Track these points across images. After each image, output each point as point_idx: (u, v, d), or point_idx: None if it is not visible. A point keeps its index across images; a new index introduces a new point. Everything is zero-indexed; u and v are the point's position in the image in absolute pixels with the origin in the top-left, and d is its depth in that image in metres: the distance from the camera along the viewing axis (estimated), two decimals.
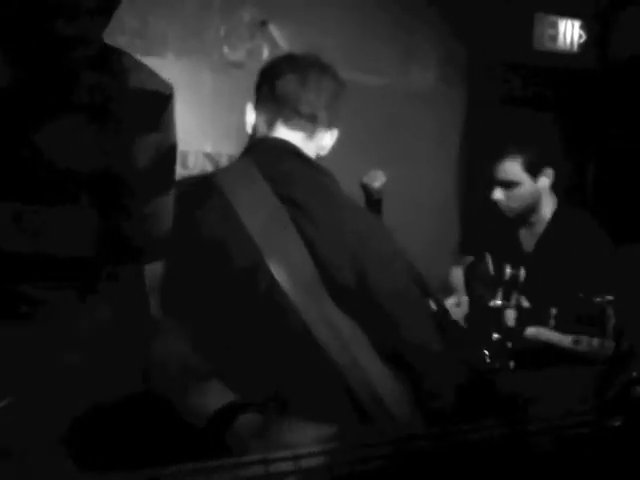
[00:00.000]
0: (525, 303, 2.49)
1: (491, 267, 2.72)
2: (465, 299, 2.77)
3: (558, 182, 2.73)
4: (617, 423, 1.20)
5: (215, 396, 1.23)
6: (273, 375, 1.51)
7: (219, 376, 1.30)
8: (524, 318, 2.41)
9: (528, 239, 2.73)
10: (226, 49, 3.19)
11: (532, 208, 2.68)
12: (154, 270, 1.15)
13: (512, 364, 2.47)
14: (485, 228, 2.88)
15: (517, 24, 3.53)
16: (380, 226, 1.80)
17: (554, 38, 3.52)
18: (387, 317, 1.61)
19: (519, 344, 2.40)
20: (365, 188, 2.23)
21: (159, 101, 1.10)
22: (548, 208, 2.69)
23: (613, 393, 1.22)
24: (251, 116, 1.79)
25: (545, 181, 2.66)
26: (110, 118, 1.02)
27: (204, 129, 3.13)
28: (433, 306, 1.78)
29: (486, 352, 2.52)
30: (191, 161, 3.18)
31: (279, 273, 1.54)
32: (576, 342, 2.37)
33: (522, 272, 2.52)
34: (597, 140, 3.49)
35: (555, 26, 3.53)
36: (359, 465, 1.04)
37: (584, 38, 3.55)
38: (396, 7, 3.45)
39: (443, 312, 1.78)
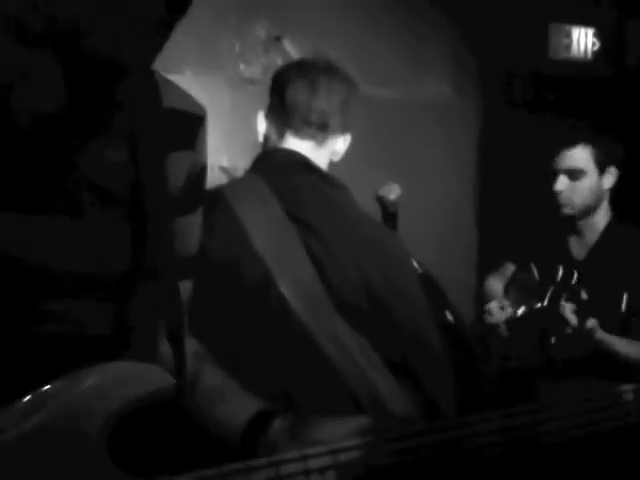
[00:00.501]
0: (584, 295, 2.43)
1: (536, 273, 2.64)
2: (507, 303, 2.62)
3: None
4: None
5: (246, 407, 1.25)
6: (284, 389, 1.50)
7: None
8: (584, 310, 2.34)
9: (579, 247, 2.62)
10: (242, 65, 3.22)
11: (590, 210, 2.56)
12: (183, 288, 1.17)
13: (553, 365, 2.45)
14: (523, 236, 2.79)
15: (531, 34, 3.54)
16: (392, 238, 1.78)
17: (568, 47, 3.53)
18: (399, 334, 1.60)
19: (569, 343, 2.36)
20: (380, 201, 2.22)
21: (193, 121, 1.12)
22: (602, 217, 2.59)
23: None
24: (262, 125, 1.78)
25: (610, 180, 2.56)
26: (146, 138, 1.04)
27: (220, 143, 3.15)
28: (450, 317, 1.76)
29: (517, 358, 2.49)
30: (208, 175, 3.21)
31: (287, 291, 1.52)
32: None
33: (575, 275, 2.51)
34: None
35: (569, 35, 3.54)
36: (394, 457, 1.06)
37: (597, 46, 3.55)
38: (410, 20, 3.47)
39: (460, 325, 1.77)
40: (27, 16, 0.88)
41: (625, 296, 2.44)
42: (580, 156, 2.52)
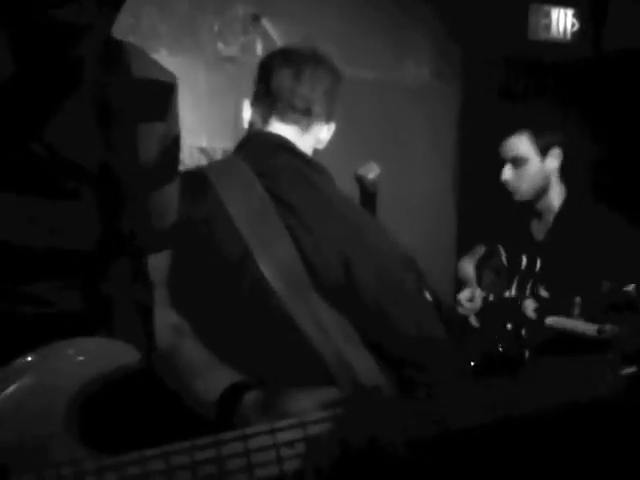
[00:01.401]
0: (544, 293, 2.45)
1: (504, 258, 2.71)
2: (478, 292, 2.73)
3: (580, 175, 2.68)
4: (628, 371, 1.20)
5: (219, 379, 1.24)
6: (259, 367, 1.48)
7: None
8: (544, 308, 2.35)
9: (539, 229, 2.69)
10: (220, 44, 3.18)
11: (541, 192, 2.63)
12: (159, 261, 1.16)
13: (527, 353, 2.48)
14: (493, 219, 2.86)
15: (510, 15, 3.53)
16: (372, 221, 1.80)
17: (548, 27, 3.53)
18: (380, 312, 1.61)
19: (538, 335, 2.37)
20: (360, 180, 2.20)
21: (164, 91, 1.10)
22: (557, 196, 2.64)
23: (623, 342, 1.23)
24: (247, 112, 1.79)
25: (553, 162, 2.61)
26: (115, 109, 1.02)
27: (199, 124, 3.13)
28: (429, 297, 1.77)
29: (500, 345, 2.52)
30: (186, 156, 3.18)
31: (266, 269, 1.54)
32: (601, 331, 2.25)
33: (538, 262, 2.57)
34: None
35: (549, 15, 3.53)
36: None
37: (577, 27, 3.55)
38: (389, 1, 3.45)
39: (438, 304, 1.78)
40: None
41: (586, 266, 2.45)
42: (519, 144, 2.59)
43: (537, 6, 3.54)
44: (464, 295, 2.74)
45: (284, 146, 1.71)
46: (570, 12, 3.52)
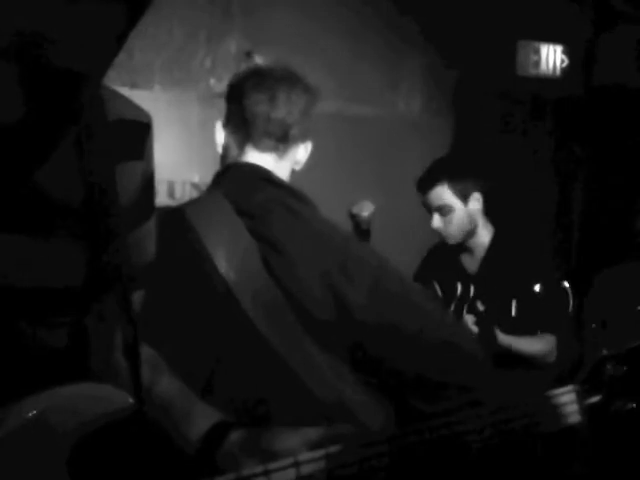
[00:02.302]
0: (480, 306, 2.71)
1: (438, 289, 2.88)
2: None
3: (545, 206, 2.79)
4: (594, 400, 1.22)
5: (203, 418, 1.22)
6: (252, 399, 1.49)
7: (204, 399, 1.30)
8: (482, 319, 2.63)
9: (470, 263, 2.87)
10: (212, 80, 3.21)
11: (470, 233, 2.81)
12: (137, 299, 1.16)
13: None
14: (430, 256, 3.02)
15: (501, 51, 3.58)
16: (361, 245, 1.74)
17: (537, 64, 3.57)
18: (386, 328, 1.54)
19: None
20: (354, 218, 2.24)
21: (140, 130, 1.11)
22: (486, 233, 2.83)
23: (585, 373, 1.24)
24: (220, 136, 1.73)
25: (475, 205, 2.79)
26: (94, 150, 1.03)
27: (191, 159, 3.14)
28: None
29: None
30: (178, 191, 3.19)
31: (251, 311, 1.50)
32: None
33: (472, 288, 2.79)
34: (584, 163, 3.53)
35: (538, 52, 3.57)
36: (356, 466, 1.04)
37: (566, 63, 3.59)
38: (381, 39, 3.48)
39: None
40: None
41: (514, 302, 2.70)
42: (441, 194, 2.75)
43: (526, 42, 3.58)
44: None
45: (264, 178, 1.66)
46: (559, 49, 3.56)
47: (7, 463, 0.92)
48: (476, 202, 2.78)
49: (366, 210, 2.19)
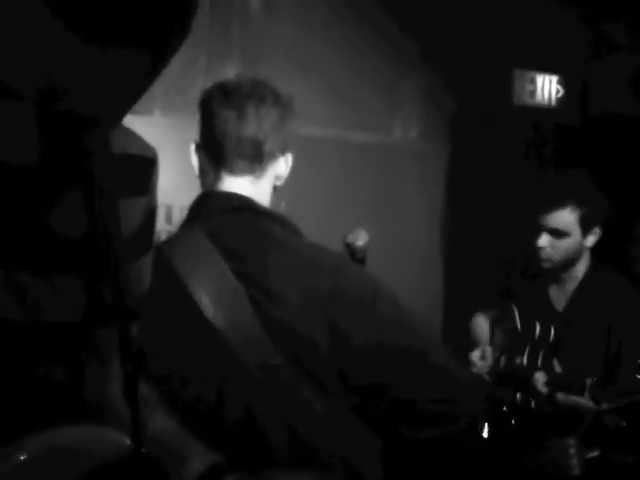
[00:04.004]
0: (557, 368, 2.43)
1: (518, 320, 2.66)
2: (489, 350, 2.68)
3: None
4: (594, 454, 1.22)
5: (196, 460, 1.21)
6: (239, 444, 1.44)
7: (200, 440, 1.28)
8: (555, 384, 2.32)
9: (558, 297, 2.65)
10: None
11: (570, 264, 2.60)
12: (136, 332, 1.15)
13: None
14: (510, 281, 2.83)
15: (496, 80, 3.61)
16: (353, 268, 1.68)
17: (533, 93, 3.59)
18: (386, 352, 1.49)
19: (547, 408, 2.30)
20: (349, 247, 2.23)
21: (146, 166, 1.11)
22: (582, 267, 2.61)
23: (586, 425, 1.24)
24: (195, 158, 1.67)
25: (592, 239, 2.58)
26: (100, 185, 1.03)
27: (189, 184, 3.14)
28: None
29: (505, 408, 2.47)
30: (176, 215, 3.19)
31: (237, 348, 1.45)
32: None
33: (552, 331, 2.53)
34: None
35: (534, 82, 3.60)
36: None
37: (562, 93, 3.62)
38: (379, 65, 3.51)
39: None
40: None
41: (607, 342, 2.44)
42: (566, 218, 2.53)
43: (521, 72, 3.61)
44: (476, 354, 2.66)
45: (243, 207, 1.60)
46: (555, 79, 3.59)
47: None
48: (594, 236, 2.57)
49: (361, 239, 2.17)
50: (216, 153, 1.62)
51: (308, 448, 1.44)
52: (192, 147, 1.67)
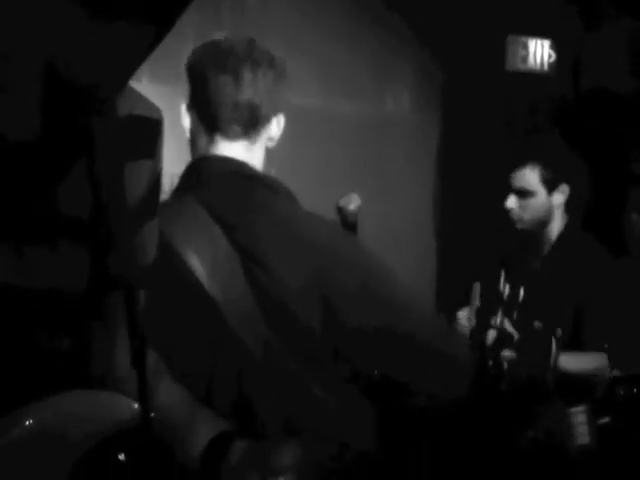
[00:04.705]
0: (509, 327, 2.46)
1: (502, 283, 2.65)
2: (474, 312, 2.67)
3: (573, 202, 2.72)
4: (604, 421, 1.22)
5: (206, 427, 1.21)
6: (240, 410, 1.41)
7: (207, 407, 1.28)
8: (501, 341, 2.35)
9: (534, 259, 2.72)
10: None
11: (543, 224, 2.66)
12: (142, 301, 1.14)
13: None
14: (496, 246, 2.89)
15: (488, 46, 3.58)
16: (347, 241, 1.65)
17: (525, 59, 3.57)
18: (374, 331, 1.48)
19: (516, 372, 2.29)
20: (340, 211, 2.22)
21: (151, 128, 1.09)
22: (556, 229, 2.67)
23: (599, 393, 1.25)
24: (186, 120, 1.64)
25: (560, 198, 2.64)
26: (104, 148, 1.02)
27: (178, 152, 3.12)
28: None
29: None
30: (166, 184, 3.17)
31: (241, 331, 1.43)
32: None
33: (521, 292, 2.52)
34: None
35: (526, 47, 3.57)
36: None
37: (554, 58, 3.59)
38: (371, 36, 3.48)
39: None
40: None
41: (573, 305, 2.51)
42: (528, 177, 2.60)
43: (514, 37, 3.58)
44: (463, 314, 2.68)
45: (239, 174, 1.58)
46: (547, 43, 3.56)
47: (8, 473, 0.90)
48: (561, 195, 2.63)
49: (353, 203, 2.16)
50: (210, 117, 1.58)
51: (303, 427, 1.41)
52: (182, 109, 1.63)
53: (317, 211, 1.67)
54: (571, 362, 2.32)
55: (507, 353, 2.29)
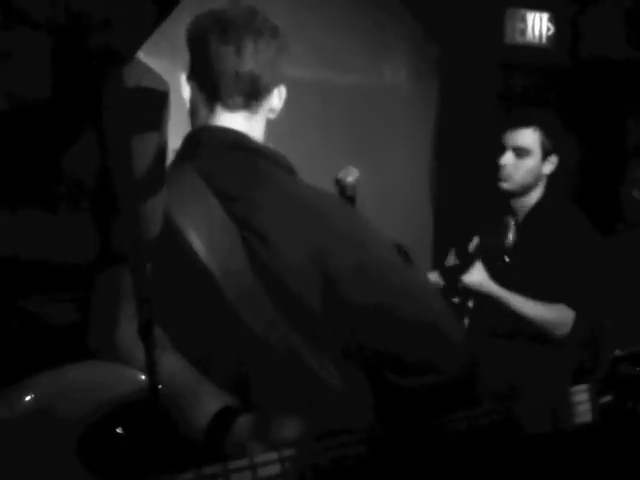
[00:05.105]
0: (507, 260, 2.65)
1: (474, 243, 2.82)
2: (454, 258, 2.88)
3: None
4: (605, 400, 1.23)
5: (210, 399, 1.22)
6: (240, 385, 1.40)
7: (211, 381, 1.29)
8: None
9: (512, 225, 2.77)
10: None
11: (526, 190, 2.71)
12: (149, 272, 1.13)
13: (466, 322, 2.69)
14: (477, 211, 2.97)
15: (487, 18, 3.57)
16: (347, 209, 1.62)
17: (524, 32, 3.56)
18: (375, 307, 1.46)
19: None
20: (339, 184, 2.22)
21: (158, 100, 1.09)
22: (536, 197, 2.73)
23: (602, 371, 1.25)
24: (186, 91, 1.60)
25: (549, 167, 2.70)
26: (111, 120, 1.02)
27: (175, 127, 3.11)
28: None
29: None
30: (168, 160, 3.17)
31: (239, 305, 1.42)
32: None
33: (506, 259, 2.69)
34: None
35: (524, 19, 3.57)
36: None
37: (552, 31, 3.59)
38: (367, 4, 3.46)
39: None
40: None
41: (551, 270, 2.59)
42: (530, 137, 2.66)
43: (513, 10, 3.58)
44: (451, 258, 2.84)
45: (239, 144, 1.56)
46: (545, 16, 3.56)
47: (12, 447, 0.90)
48: (551, 164, 2.69)
49: (351, 176, 2.17)
50: (211, 88, 1.56)
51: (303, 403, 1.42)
52: (182, 79, 1.60)
53: (316, 184, 1.63)
54: (531, 309, 2.55)
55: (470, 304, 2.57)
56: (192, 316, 1.46)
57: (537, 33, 3.59)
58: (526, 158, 2.66)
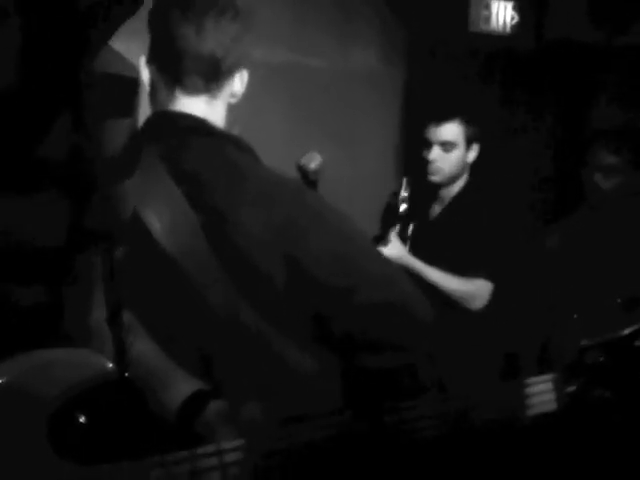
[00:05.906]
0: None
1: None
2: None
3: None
4: (571, 389, 1.25)
5: (181, 384, 1.23)
6: (207, 370, 1.40)
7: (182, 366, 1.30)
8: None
9: (433, 212, 2.97)
10: None
11: (453, 180, 2.89)
12: (118, 257, 1.16)
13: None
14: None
15: (452, 5, 3.60)
16: (311, 199, 1.59)
17: (488, 19, 3.61)
18: (343, 285, 1.46)
19: None
20: (301, 169, 2.23)
21: (128, 85, 1.09)
22: (459, 185, 2.91)
23: (568, 360, 1.27)
24: (145, 72, 1.52)
25: (472, 155, 2.87)
26: (84, 106, 1.02)
27: (147, 112, 3.10)
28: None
29: None
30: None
31: (202, 288, 1.40)
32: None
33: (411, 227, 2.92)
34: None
35: (489, 7, 3.61)
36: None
37: (516, 19, 3.64)
38: None
39: None
40: None
41: (458, 244, 2.78)
42: (454, 130, 2.83)
43: None
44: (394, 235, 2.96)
45: (200, 129, 1.52)
46: (510, 5, 3.60)
47: None
48: (473, 152, 2.87)
49: (314, 162, 2.18)
50: (170, 70, 1.51)
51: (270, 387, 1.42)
52: (142, 62, 1.52)
53: (280, 167, 1.62)
54: (448, 281, 2.74)
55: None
56: (159, 301, 1.44)
57: (501, 21, 3.63)
58: (452, 151, 2.82)
